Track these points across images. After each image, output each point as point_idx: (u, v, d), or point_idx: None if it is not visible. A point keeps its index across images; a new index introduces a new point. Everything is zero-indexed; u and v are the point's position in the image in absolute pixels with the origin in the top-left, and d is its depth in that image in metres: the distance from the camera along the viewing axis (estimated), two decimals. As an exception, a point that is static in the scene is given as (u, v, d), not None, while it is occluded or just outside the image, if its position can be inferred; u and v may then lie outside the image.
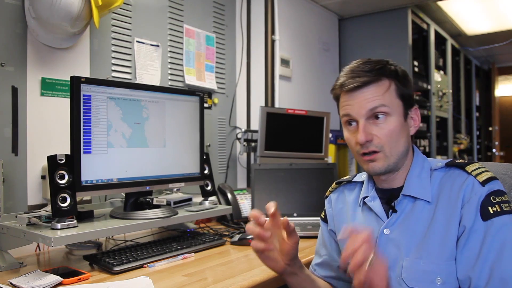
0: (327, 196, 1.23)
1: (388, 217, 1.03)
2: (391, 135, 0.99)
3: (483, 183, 0.94)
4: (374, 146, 0.99)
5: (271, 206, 0.97)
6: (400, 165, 1.03)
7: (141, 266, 1.30)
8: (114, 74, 1.81)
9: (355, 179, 1.17)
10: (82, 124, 1.33)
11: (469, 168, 0.98)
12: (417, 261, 0.96)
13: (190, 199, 1.78)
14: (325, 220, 1.22)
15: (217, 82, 2.33)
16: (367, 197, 1.09)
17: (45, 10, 1.42)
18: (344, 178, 1.22)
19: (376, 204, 1.06)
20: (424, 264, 0.95)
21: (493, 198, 0.93)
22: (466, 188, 0.95)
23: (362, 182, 1.14)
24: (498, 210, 0.91)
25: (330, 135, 2.50)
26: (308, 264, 1.25)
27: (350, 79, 1.00)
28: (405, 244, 0.99)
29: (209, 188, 1.80)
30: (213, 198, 1.85)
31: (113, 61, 1.81)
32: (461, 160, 1.02)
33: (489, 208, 0.92)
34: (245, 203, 2.06)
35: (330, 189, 1.24)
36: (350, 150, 3.18)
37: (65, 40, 1.58)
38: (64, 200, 1.26)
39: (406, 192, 1.02)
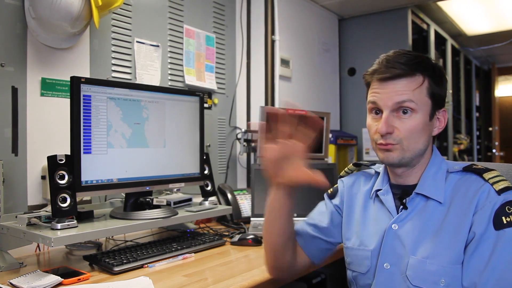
0: (341, 176, 1.23)
1: (398, 213, 1.03)
2: (412, 132, 0.98)
3: (499, 192, 0.93)
4: (392, 139, 0.99)
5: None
6: (416, 163, 1.03)
7: (141, 266, 1.29)
8: (114, 74, 1.81)
9: (373, 167, 1.17)
10: (82, 124, 1.33)
11: (487, 175, 0.97)
12: (423, 261, 0.96)
13: (190, 199, 1.78)
14: (332, 196, 1.21)
15: (217, 82, 2.33)
16: (380, 190, 1.09)
17: (45, 10, 1.42)
18: (364, 161, 1.21)
19: (389, 199, 1.06)
20: (430, 264, 0.95)
21: (508, 208, 0.91)
22: (481, 194, 0.94)
23: (378, 174, 1.14)
24: None
25: (330, 135, 2.50)
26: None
27: (384, 68, 0.99)
28: (412, 241, 0.99)
29: (209, 188, 1.80)
30: (213, 198, 1.84)
31: (113, 61, 1.81)
32: (479, 166, 1.01)
33: (503, 218, 0.90)
34: (245, 203, 2.06)
35: (346, 169, 1.23)
36: (349, 150, 3.17)
37: (65, 40, 1.58)
38: (64, 200, 1.26)
39: (419, 190, 1.01)
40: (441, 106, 1.04)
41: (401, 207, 1.03)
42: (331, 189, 1.23)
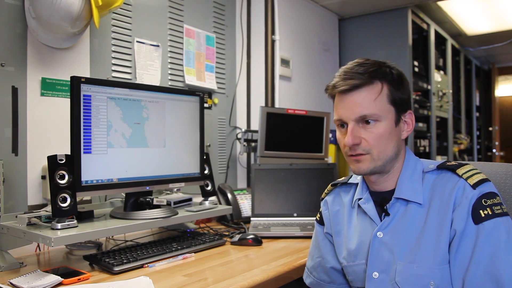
0: (322, 198, 1.23)
1: (381, 220, 1.03)
2: (380, 140, 0.98)
3: (474, 186, 0.94)
4: (361, 149, 0.99)
5: None
6: (389, 168, 1.03)
7: (141, 266, 1.30)
8: (114, 74, 1.81)
9: (350, 181, 1.17)
10: (82, 124, 1.33)
11: (460, 170, 0.98)
12: (410, 265, 0.96)
13: (190, 199, 1.78)
14: (320, 222, 1.21)
15: (217, 82, 2.33)
16: (361, 199, 1.08)
17: (45, 10, 1.42)
18: (339, 179, 1.21)
19: (370, 207, 1.06)
20: (417, 268, 0.95)
21: (484, 201, 0.92)
22: (457, 191, 0.95)
23: (357, 184, 1.13)
24: (490, 213, 0.91)
25: (330, 135, 2.50)
26: (304, 266, 1.24)
27: (342, 81, 1.00)
28: (398, 247, 0.99)
29: (209, 188, 1.80)
30: (213, 198, 1.85)
31: (113, 61, 1.81)
32: (452, 162, 1.01)
33: (481, 211, 0.91)
34: (245, 203, 2.06)
35: (325, 191, 1.23)
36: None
37: (65, 40, 1.58)
38: (64, 200, 1.26)
39: (398, 195, 1.01)
40: (405, 109, 1.03)
41: (384, 213, 1.03)
42: (318, 214, 1.22)
